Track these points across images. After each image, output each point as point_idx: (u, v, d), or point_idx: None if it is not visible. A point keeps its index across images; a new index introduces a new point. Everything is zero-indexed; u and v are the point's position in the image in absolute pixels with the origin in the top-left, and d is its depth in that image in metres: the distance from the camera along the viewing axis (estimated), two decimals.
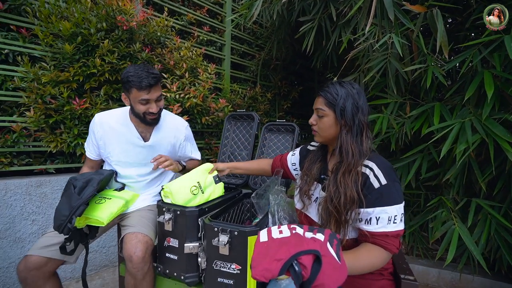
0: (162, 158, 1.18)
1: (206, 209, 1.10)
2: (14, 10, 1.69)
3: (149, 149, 1.27)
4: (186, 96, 2.19)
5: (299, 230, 0.61)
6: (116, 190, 1.25)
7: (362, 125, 0.84)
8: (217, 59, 2.92)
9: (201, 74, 2.34)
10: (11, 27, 1.67)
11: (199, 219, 1.05)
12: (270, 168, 1.23)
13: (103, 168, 1.35)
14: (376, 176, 0.79)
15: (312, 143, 1.10)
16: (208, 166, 1.22)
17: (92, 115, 1.74)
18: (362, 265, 0.74)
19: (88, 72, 1.72)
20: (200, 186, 1.16)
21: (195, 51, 2.38)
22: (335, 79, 1.67)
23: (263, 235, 0.63)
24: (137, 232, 1.08)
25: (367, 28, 1.34)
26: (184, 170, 1.35)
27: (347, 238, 0.84)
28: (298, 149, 1.16)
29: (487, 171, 1.43)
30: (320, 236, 0.60)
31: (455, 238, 1.38)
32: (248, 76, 3.29)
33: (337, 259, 0.56)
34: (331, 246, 0.59)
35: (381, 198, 0.77)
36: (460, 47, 1.54)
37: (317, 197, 0.95)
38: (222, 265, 0.92)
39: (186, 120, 2.12)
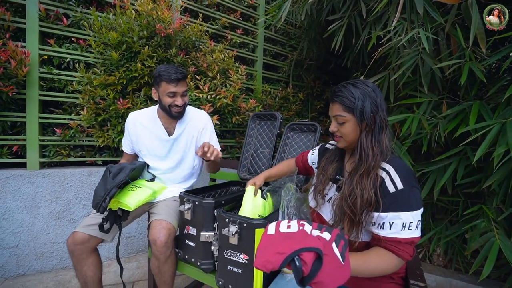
0: (206, 148, 1.17)
1: (223, 202, 1.18)
2: (74, 25, 1.98)
3: (173, 143, 1.40)
4: (217, 97, 2.31)
5: (307, 227, 0.63)
6: (147, 180, 1.39)
7: (383, 123, 0.82)
8: (250, 60, 3.01)
9: (232, 75, 2.44)
10: (72, 39, 1.97)
11: (215, 211, 1.12)
12: (295, 167, 1.24)
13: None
14: (392, 180, 0.77)
15: (331, 142, 1.10)
16: (251, 189, 1.17)
17: None
18: (371, 269, 0.73)
19: (131, 76, 1.93)
20: (265, 209, 1.16)
21: (227, 53, 2.49)
22: (362, 77, 1.62)
23: (271, 228, 0.65)
24: (161, 219, 1.20)
25: (394, 23, 1.29)
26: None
27: (360, 240, 0.83)
28: (317, 148, 1.16)
29: None
30: (326, 235, 0.61)
31: (495, 251, 1.24)
32: (280, 76, 3.31)
33: (340, 259, 0.57)
34: (337, 246, 0.60)
35: (396, 203, 0.75)
36: (505, 41, 1.38)
37: (331, 197, 0.95)
38: (232, 254, 0.98)
39: (217, 120, 2.27)
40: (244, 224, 0.95)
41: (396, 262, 0.75)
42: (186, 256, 1.18)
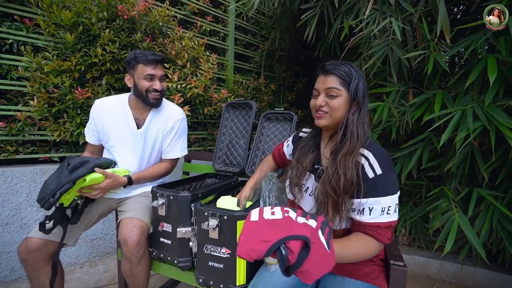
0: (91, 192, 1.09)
1: (200, 195, 1.11)
2: (17, 0, 1.72)
3: (141, 137, 1.28)
4: (188, 86, 2.20)
5: (292, 214, 0.61)
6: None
7: (366, 109, 0.83)
8: (221, 49, 2.90)
9: (202, 64, 2.34)
10: (15, 17, 1.71)
11: (192, 205, 1.06)
12: (275, 164, 1.21)
13: (103, 154, 1.38)
14: (371, 165, 0.77)
15: (304, 130, 1.06)
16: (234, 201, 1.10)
17: None
18: (353, 254, 0.73)
19: (90, 62, 1.74)
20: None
21: (197, 41, 2.37)
22: None
23: (254, 214, 0.62)
24: (132, 217, 1.11)
25: (367, 13, 1.31)
26: (128, 182, 1.21)
27: (342, 228, 0.83)
28: (291, 139, 1.12)
29: (490, 160, 1.38)
30: (312, 223, 0.59)
31: (454, 228, 1.35)
32: (252, 67, 3.26)
33: (326, 247, 0.56)
34: (323, 233, 0.58)
35: (375, 188, 0.76)
36: (466, 32, 1.48)
37: (308, 187, 0.93)
38: (213, 249, 0.94)
39: (188, 111, 2.16)
40: (225, 217, 0.91)
41: (376, 246, 0.76)
42: (161, 255, 1.11)
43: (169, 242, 1.08)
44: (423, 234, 2.00)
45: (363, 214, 0.77)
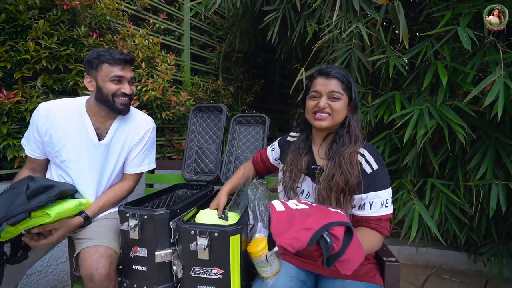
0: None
1: (178, 211, 0.99)
2: None
3: (104, 149, 1.10)
4: (144, 89, 1.99)
5: (318, 205, 0.59)
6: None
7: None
8: (176, 49, 2.72)
9: (159, 64, 2.15)
10: None
11: (171, 223, 0.94)
12: (255, 171, 1.16)
13: (48, 170, 1.14)
14: (367, 161, 0.81)
15: (292, 134, 1.05)
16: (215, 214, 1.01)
17: (27, 110, 1.46)
18: (365, 246, 0.72)
19: (18, 58, 1.43)
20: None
21: (152, 40, 2.17)
22: (303, 69, 1.66)
23: (277, 205, 0.60)
24: (98, 245, 0.93)
25: (334, 18, 1.35)
26: (85, 221, 1.01)
27: None
28: (276, 142, 1.10)
29: (439, 153, 1.57)
30: (342, 212, 0.59)
31: (416, 216, 1.49)
32: (209, 68, 3.14)
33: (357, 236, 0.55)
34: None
35: (373, 183, 0.79)
36: (415, 40, 1.65)
37: (304, 190, 0.93)
38: (202, 271, 0.84)
39: None
40: (216, 234, 0.82)
41: (380, 238, 0.80)
42: (135, 285, 0.95)
43: (145, 269, 0.94)
44: None
45: (364, 209, 0.80)
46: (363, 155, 0.82)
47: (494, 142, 1.42)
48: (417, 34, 1.53)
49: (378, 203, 0.78)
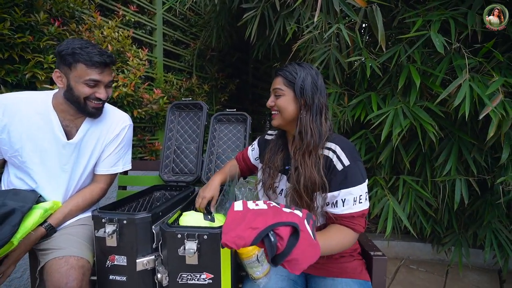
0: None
1: (160, 214, 0.93)
2: None
3: (74, 149, 0.98)
4: (114, 85, 1.85)
5: (276, 206, 0.60)
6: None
7: (321, 106, 0.84)
8: (148, 44, 2.57)
9: (130, 59, 2.01)
10: None
11: (153, 226, 0.87)
12: (239, 169, 1.13)
13: (5, 173, 0.99)
14: (339, 157, 0.79)
15: (270, 132, 1.05)
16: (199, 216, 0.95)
17: None
18: (333, 245, 0.74)
19: None
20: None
21: (122, 33, 2.03)
22: None
23: (237, 205, 0.60)
24: (67, 255, 0.82)
25: (316, 19, 1.37)
26: (49, 232, 0.91)
27: (318, 225, 0.83)
28: (256, 142, 1.09)
29: (410, 151, 1.67)
30: (298, 212, 0.59)
31: (391, 212, 1.57)
32: (183, 66, 3.03)
33: (312, 237, 0.55)
34: (308, 224, 0.57)
35: (345, 180, 0.78)
36: (387, 44, 1.74)
37: (282, 189, 0.91)
38: (190, 277, 0.78)
39: None
40: (205, 236, 0.77)
41: (353, 235, 0.79)
42: None
43: (124, 278, 0.86)
44: None
45: (336, 206, 0.79)
46: (334, 152, 0.80)
47: (458, 140, 1.55)
48: (393, 35, 1.61)
49: (351, 200, 0.77)
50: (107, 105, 1.08)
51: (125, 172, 1.47)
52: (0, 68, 1.40)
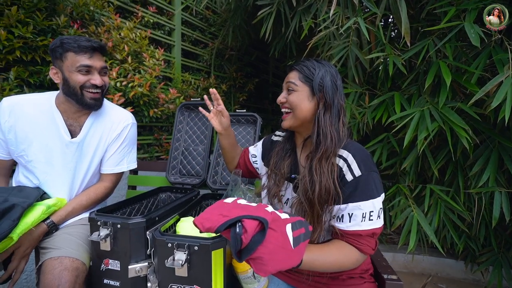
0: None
1: (157, 219, 0.89)
2: None
3: (77, 148, 0.99)
4: (130, 85, 1.88)
5: (269, 208, 0.56)
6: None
7: (340, 108, 0.74)
8: (166, 45, 2.61)
9: (147, 59, 2.04)
10: None
11: (148, 232, 0.84)
12: (238, 158, 1.03)
13: (16, 173, 1.02)
14: (350, 167, 0.69)
15: (277, 132, 0.95)
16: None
17: None
18: (329, 262, 0.64)
19: None
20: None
21: (139, 34, 2.06)
22: None
23: (229, 199, 0.58)
24: (62, 256, 0.82)
25: (332, 12, 1.26)
26: (51, 229, 0.91)
27: (322, 240, 0.74)
28: (261, 141, 1.00)
29: (439, 158, 1.49)
30: (283, 215, 0.55)
31: (415, 224, 1.41)
32: (201, 65, 3.03)
33: (291, 242, 0.52)
34: (293, 230, 0.54)
35: (354, 192, 0.68)
36: (414, 38, 1.58)
37: (288, 199, 0.82)
38: None
39: (131, 112, 1.83)
40: (196, 247, 0.72)
41: (358, 256, 0.68)
42: None
43: (118, 284, 0.83)
44: None
45: (342, 221, 0.69)
46: (346, 160, 0.70)
47: (497, 147, 1.35)
48: (420, 28, 1.44)
49: (359, 215, 0.67)
50: (109, 104, 1.08)
51: (135, 172, 1.48)
52: (24, 70, 1.47)
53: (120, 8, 2.15)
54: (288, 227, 0.53)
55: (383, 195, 0.70)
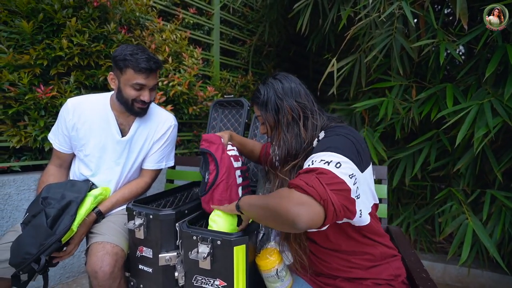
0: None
1: (186, 211, 0.93)
2: None
3: (126, 145, 1.09)
4: (170, 84, 1.99)
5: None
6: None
7: (295, 109, 0.75)
8: (205, 44, 2.70)
9: (186, 59, 2.13)
10: None
11: (177, 224, 0.88)
12: (259, 153, 1.07)
13: (73, 163, 1.16)
14: (318, 140, 0.72)
15: None
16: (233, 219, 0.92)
17: (61, 105, 1.53)
18: (264, 199, 0.63)
19: (54, 55, 1.50)
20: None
21: (180, 35, 2.17)
22: (334, 60, 1.49)
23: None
24: (104, 242, 0.91)
25: None
26: (98, 217, 1.01)
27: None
28: None
29: (503, 159, 1.28)
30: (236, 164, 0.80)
31: (469, 233, 1.24)
32: (239, 63, 3.08)
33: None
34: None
35: (314, 150, 0.66)
36: (474, 21, 1.37)
37: None
38: (204, 281, 0.76)
39: (171, 110, 1.95)
40: (218, 242, 0.73)
41: (286, 190, 0.57)
42: (141, 285, 0.92)
43: (150, 270, 0.89)
44: (424, 236, 1.90)
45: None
46: (318, 138, 0.73)
47: None
48: (480, 9, 1.25)
49: (310, 160, 0.62)
50: (155, 106, 1.18)
51: (173, 167, 1.57)
52: (81, 73, 1.66)
53: (163, 12, 2.29)
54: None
55: (348, 160, 0.59)
